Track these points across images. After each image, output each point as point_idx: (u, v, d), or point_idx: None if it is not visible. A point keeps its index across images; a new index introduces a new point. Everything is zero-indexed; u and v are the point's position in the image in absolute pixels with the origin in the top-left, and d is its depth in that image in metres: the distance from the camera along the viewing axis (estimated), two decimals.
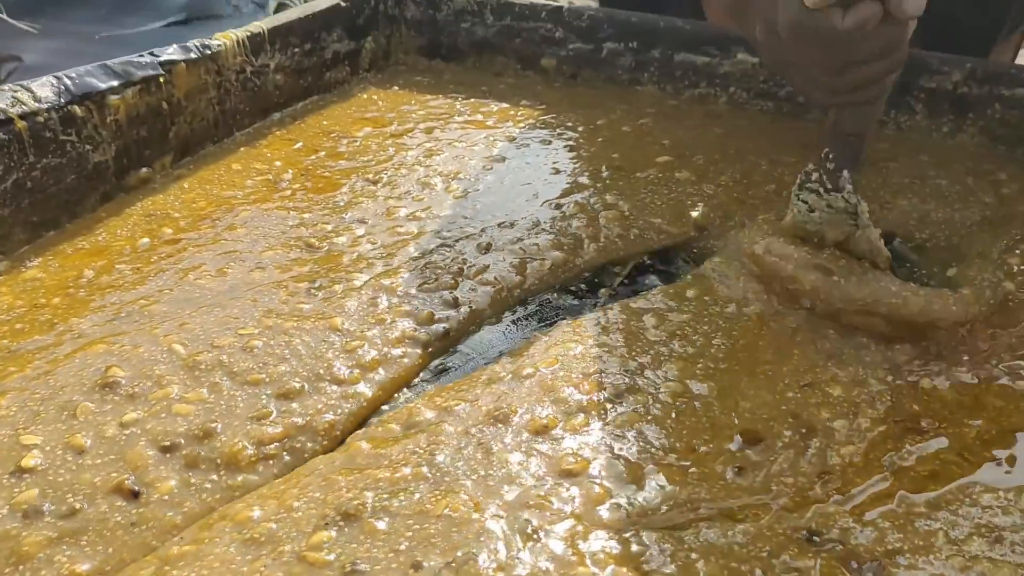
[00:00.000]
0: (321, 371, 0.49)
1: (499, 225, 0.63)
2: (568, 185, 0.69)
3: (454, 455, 0.43)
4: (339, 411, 0.47)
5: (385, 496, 0.41)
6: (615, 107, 0.83)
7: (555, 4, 0.88)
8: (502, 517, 0.40)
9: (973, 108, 0.75)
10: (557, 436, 0.45)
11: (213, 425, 0.45)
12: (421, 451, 0.43)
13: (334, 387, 0.48)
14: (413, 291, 0.56)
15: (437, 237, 0.62)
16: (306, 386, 0.48)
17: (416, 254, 0.60)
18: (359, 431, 0.46)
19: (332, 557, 0.38)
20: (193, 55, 0.72)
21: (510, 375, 0.49)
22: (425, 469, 0.42)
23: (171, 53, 0.70)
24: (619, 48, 0.86)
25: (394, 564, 0.37)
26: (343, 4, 0.86)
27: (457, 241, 0.61)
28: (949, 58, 0.76)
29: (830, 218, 0.53)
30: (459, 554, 0.38)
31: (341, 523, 0.39)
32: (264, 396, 0.47)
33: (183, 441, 0.44)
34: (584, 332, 0.52)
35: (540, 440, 0.44)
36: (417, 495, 0.41)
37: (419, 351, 0.51)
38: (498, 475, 0.42)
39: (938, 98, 0.76)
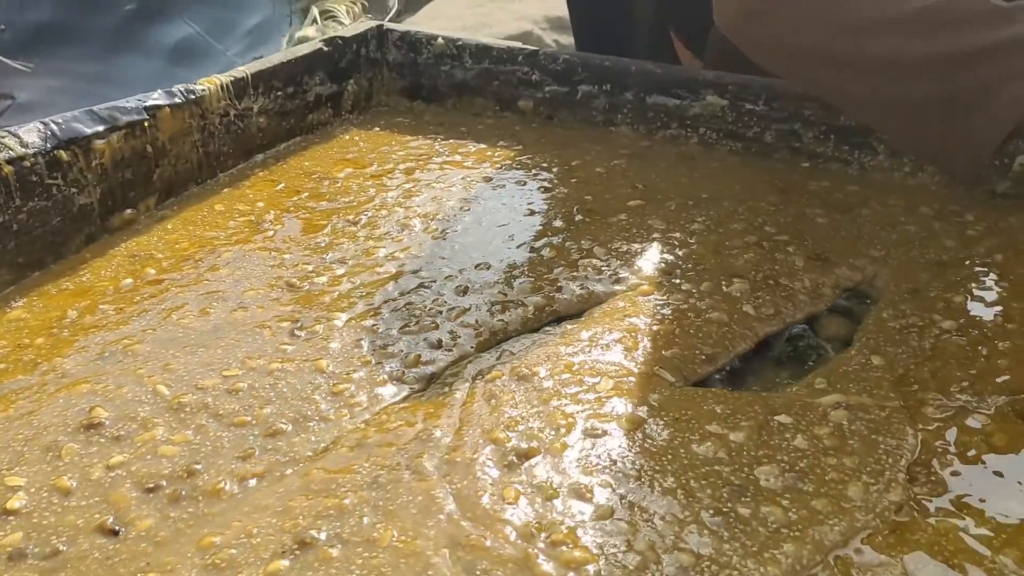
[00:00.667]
0: (308, 412, 0.50)
1: (476, 267, 0.65)
2: (542, 227, 0.71)
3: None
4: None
5: (336, 524, 0.42)
6: (590, 148, 0.85)
7: (532, 48, 0.90)
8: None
9: None
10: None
11: (197, 467, 0.46)
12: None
13: (322, 425, 0.49)
14: (395, 332, 0.57)
15: (416, 277, 0.64)
16: (291, 427, 0.49)
17: (395, 295, 0.61)
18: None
19: None
20: (178, 99, 0.73)
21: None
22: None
23: (156, 98, 0.72)
24: (593, 91, 0.89)
25: None
26: (325, 49, 0.89)
27: (434, 282, 0.63)
28: None
29: None
30: None
31: (297, 551, 0.41)
32: (250, 437, 0.48)
33: (166, 483, 0.45)
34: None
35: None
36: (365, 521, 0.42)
37: (406, 393, 0.53)
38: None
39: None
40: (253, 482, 0.45)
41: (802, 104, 0.81)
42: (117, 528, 0.42)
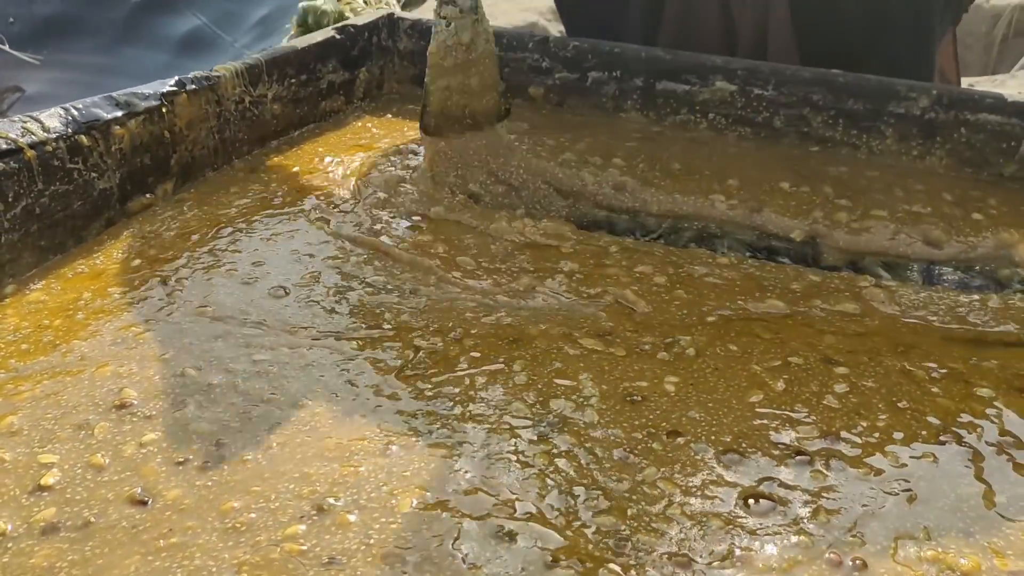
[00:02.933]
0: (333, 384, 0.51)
1: None
2: None
3: None
4: None
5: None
6: (600, 134, 0.86)
7: (542, 35, 0.91)
8: None
9: (940, 132, 0.79)
10: None
11: (224, 440, 0.47)
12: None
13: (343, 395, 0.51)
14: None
15: None
16: (313, 401, 0.50)
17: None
18: None
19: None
20: (194, 86, 0.74)
21: None
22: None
23: (173, 84, 0.73)
24: (603, 77, 0.90)
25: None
26: (338, 37, 0.90)
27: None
28: (916, 84, 0.79)
29: (459, 22, 0.70)
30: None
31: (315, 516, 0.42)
32: (276, 411, 0.49)
33: (193, 457, 0.46)
34: None
35: None
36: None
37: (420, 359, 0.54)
38: None
39: (907, 123, 0.80)
40: (276, 449, 0.46)
41: (811, 89, 0.82)
42: (146, 499, 0.43)
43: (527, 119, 0.90)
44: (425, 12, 2.02)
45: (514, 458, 0.46)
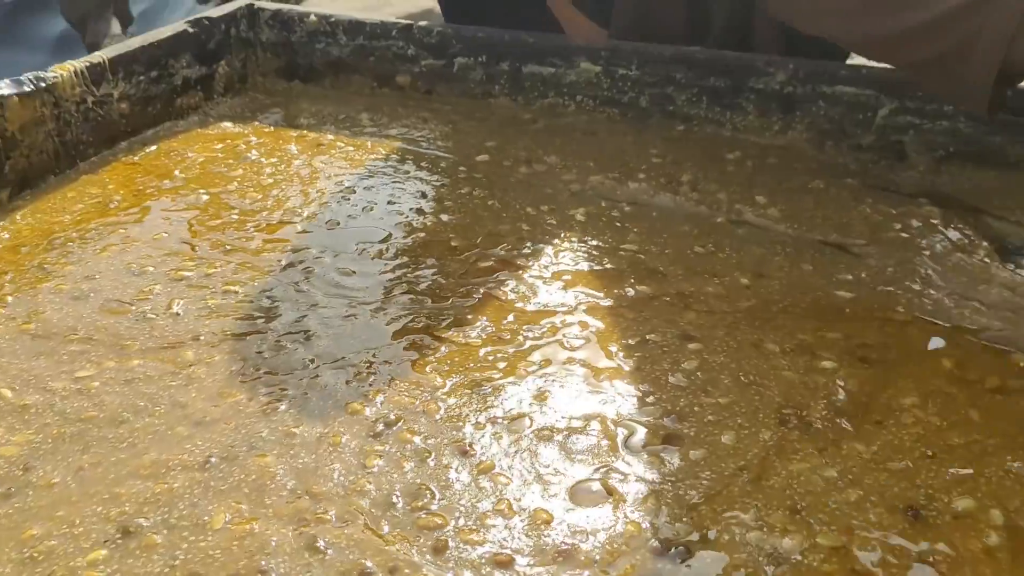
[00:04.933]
0: (157, 397, 0.49)
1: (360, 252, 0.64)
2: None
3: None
4: None
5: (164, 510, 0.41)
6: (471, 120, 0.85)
7: (405, 22, 0.89)
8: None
9: (799, 106, 0.79)
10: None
11: (34, 463, 0.44)
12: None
13: (165, 409, 0.48)
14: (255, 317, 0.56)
15: (297, 255, 0.62)
16: (133, 416, 0.48)
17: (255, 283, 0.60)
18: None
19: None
20: (27, 88, 0.70)
21: None
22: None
23: (3, 87, 0.69)
24: (470, 62, 0.88)
25: None
26: (191, 30, 0.86)
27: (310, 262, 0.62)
28: (774, 59, 0.80)
29: None
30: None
31: (120, 539, 0.40)
32: (94, 430, 0.47)
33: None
34: None
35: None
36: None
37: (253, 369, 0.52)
38: None
39: (767, 98, 0.80)
40: (87, 470, 0.44)
41: (673, 67, 0.82)
42: None
43: (395, 110, 0.88)
44: (318, 5, 1.98)
45: (339, 466, 0.45)
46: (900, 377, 0.53)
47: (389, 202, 0.72)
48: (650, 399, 0.50)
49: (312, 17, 0.91)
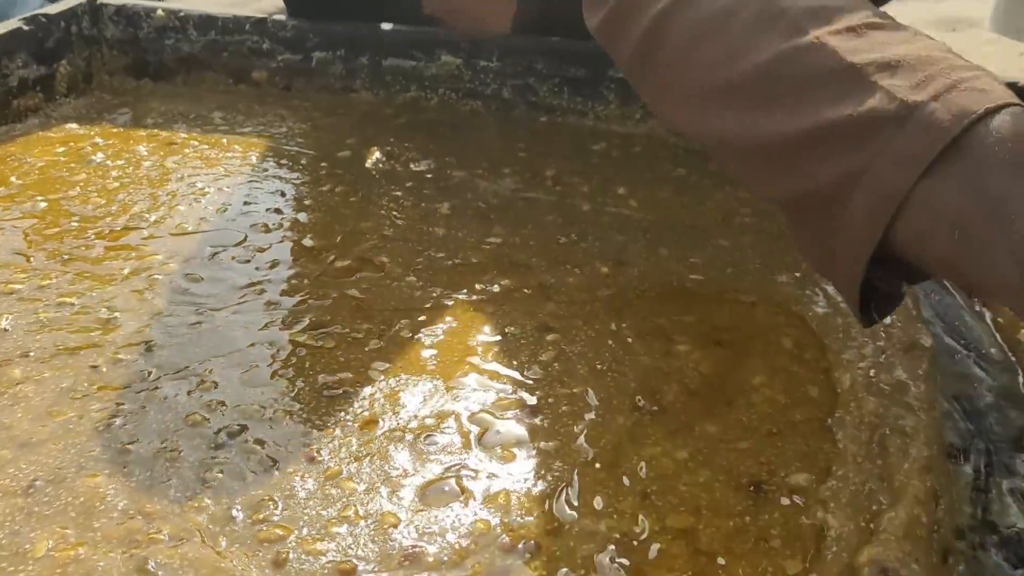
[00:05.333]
0: None
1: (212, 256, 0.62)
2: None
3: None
4: None
5: None
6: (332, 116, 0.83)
7: (259, 16, 0.86)
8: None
9: None
10: None
11: None
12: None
13: None
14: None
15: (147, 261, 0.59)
16: None
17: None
18: None
19: None
20: None
21: None
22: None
23: None
24: (328, 57, 0.86)
25: None
26: (26, 28, 0.81)
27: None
28: None
29: None
30: None
31: None
32: None
33: None
34: None
35: None
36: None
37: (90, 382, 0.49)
38: None
39: (628, 87, 0.81)
40: None
41: (533, 58, 0.82)
42: None
43: (250, 108, 0.85)
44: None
45: (176, 481, 0.42)
46: (750, 357, 0.54)
47: (245, 203, 0.69)
48: (505, 394, 0.50)
49: (160, 12, 0.87)
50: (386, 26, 0.84)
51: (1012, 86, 0.37)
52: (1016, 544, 0.44)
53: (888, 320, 0.54)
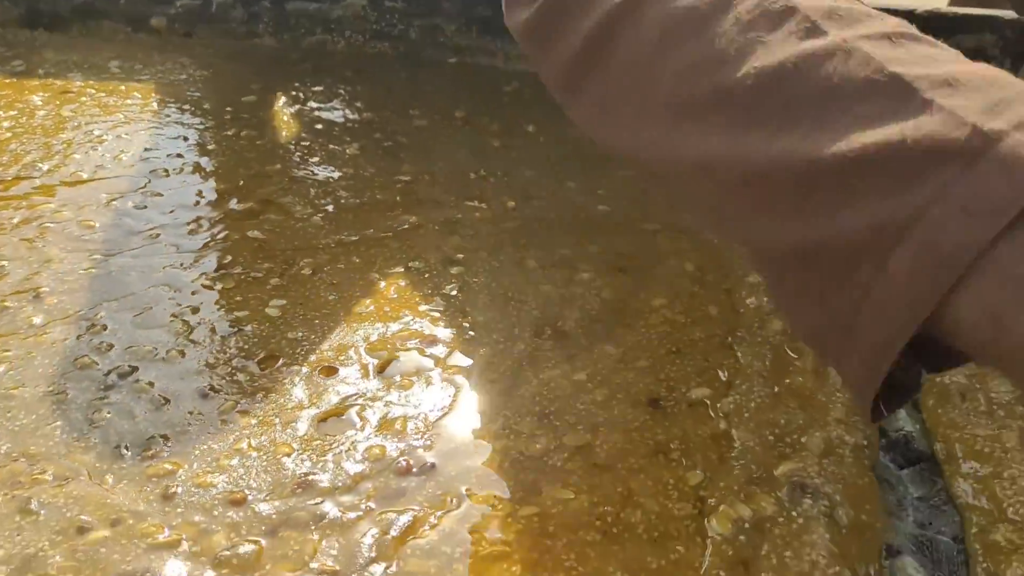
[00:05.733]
0: None
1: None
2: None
3: None
4: None
5: None
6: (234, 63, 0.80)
7: None
8: None
9: None
10: None
11: None
12: None
13: None
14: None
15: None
16: None
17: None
18: None
19: None
20: None
21: None
22: None
23: None
24: (229, 1, 0.83)
25: None
26: None
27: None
28: None
29: None
30: None
31: None
32: None
33: None
34: None
35: None
36: None
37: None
38: None
39: None
40: None
41: None
42: None
43: (149, 57, 0.82)
44: None
45: (62, 423, 0.41)
46: (652, 281, 0.54)
47: (145, 149, 0.67)
48: (406, 325, 0.49)
49: None
50: None
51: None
52: (903, 446, 0.45)
53: None
